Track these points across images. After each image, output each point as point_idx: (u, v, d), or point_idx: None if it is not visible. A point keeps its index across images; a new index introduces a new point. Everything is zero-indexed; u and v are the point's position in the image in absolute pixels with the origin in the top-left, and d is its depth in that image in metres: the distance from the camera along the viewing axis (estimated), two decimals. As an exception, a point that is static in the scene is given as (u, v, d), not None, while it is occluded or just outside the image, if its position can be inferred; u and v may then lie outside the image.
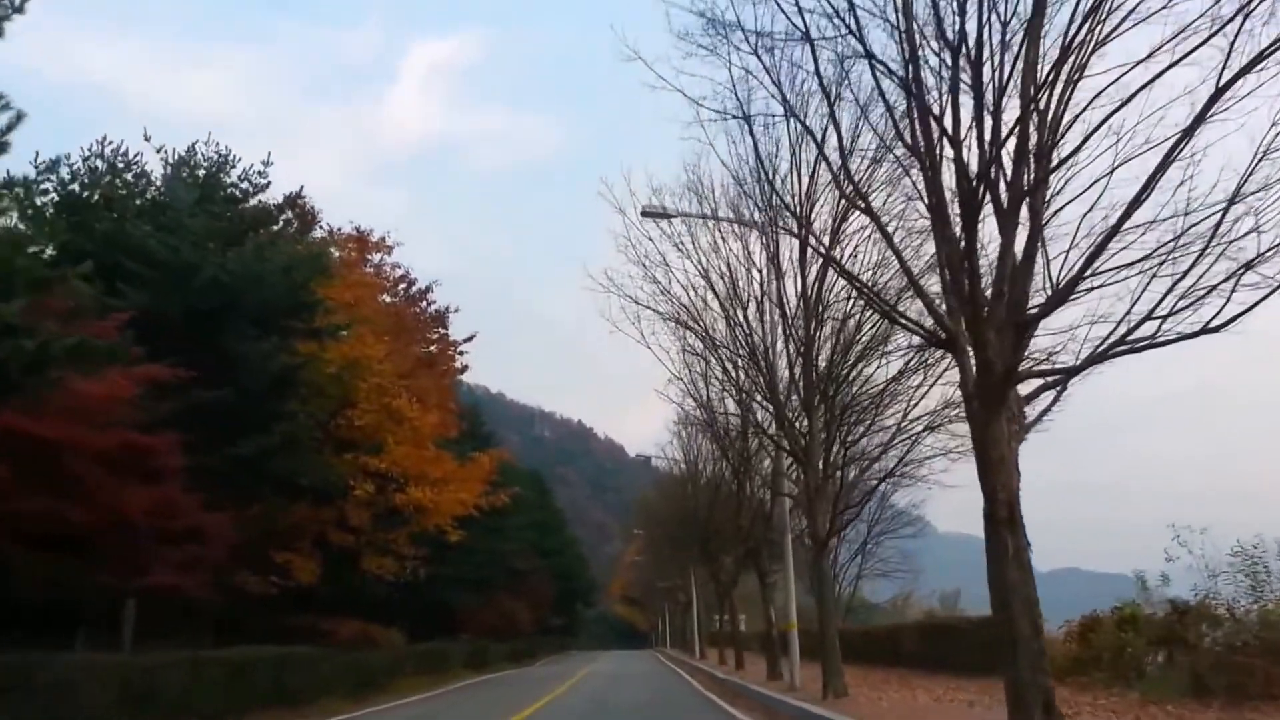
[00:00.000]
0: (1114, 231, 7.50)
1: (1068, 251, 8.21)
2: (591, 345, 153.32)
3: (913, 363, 14.77)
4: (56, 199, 20.59)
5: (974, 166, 7.89)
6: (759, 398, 17.47)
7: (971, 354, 8.40)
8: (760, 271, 15.99)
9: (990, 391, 8.10)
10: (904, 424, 15.23)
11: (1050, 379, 8.58)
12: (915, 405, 15.30)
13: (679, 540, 42.60)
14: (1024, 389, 8.55)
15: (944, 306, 9.11)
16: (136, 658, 14.39)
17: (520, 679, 32.53)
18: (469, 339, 31.18)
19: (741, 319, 16.16)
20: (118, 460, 14.96)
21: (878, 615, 55.17)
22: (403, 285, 30.87)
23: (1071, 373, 8.41)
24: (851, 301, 15.06)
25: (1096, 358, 7.97)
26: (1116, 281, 7.99)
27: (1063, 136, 8.00)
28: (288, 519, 27.82)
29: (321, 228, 29.23)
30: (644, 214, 17.62)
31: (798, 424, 15.86)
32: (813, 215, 15.00)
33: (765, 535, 22.12)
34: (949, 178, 8.38)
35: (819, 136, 11.22)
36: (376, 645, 28.98)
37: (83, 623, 16.39)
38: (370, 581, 36.24)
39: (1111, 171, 7.93)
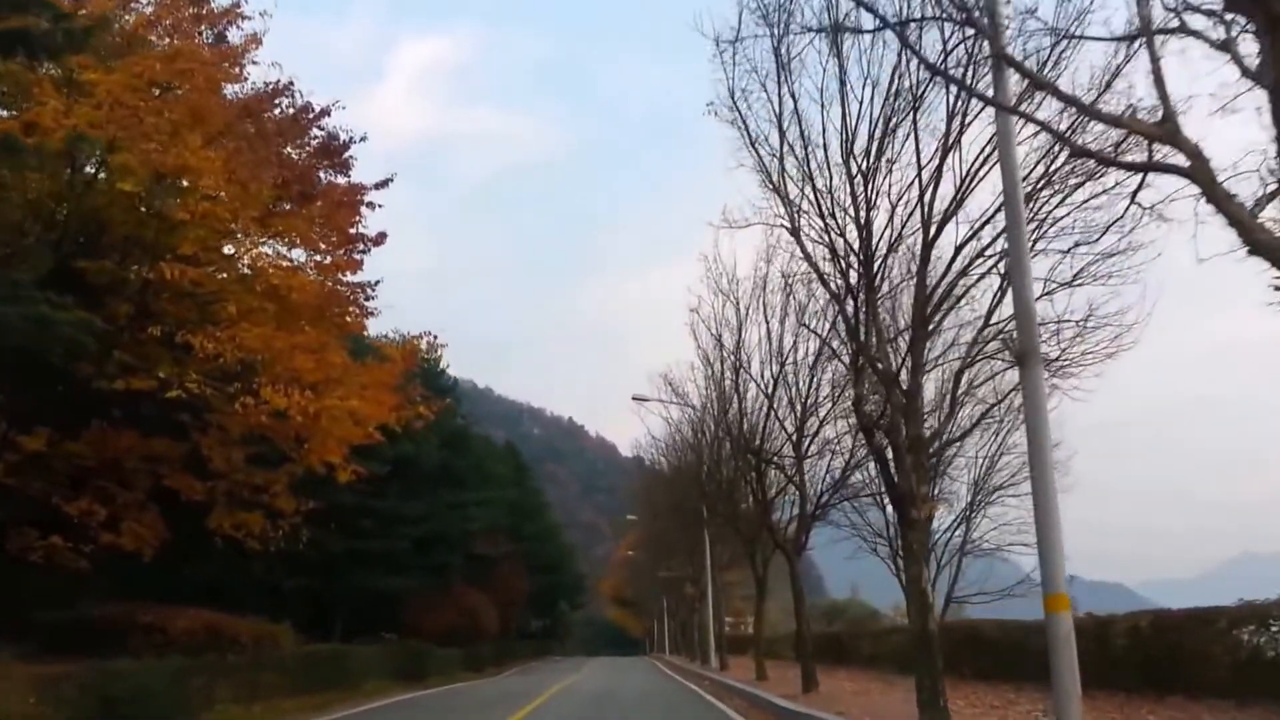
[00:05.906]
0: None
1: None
2: (587, 339, 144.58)
3: None
4: None
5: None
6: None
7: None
8: None
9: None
10: None
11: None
12: None
13: (690, 511, 31.99)
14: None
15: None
16: None
17: (457, 701, 21.62)
18: (383, 183, 20.15)
19: None
20: None
21: (871, 622, 44.45)
22: (283, 99, 19.85)
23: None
24: None
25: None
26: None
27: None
28: (102, 450, 18.23)
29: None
30: None
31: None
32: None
33: (906, 423, 10.37)
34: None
35: None
36: (240, 648, 19.05)
37: None
38: (277, 566, 26.50)
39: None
